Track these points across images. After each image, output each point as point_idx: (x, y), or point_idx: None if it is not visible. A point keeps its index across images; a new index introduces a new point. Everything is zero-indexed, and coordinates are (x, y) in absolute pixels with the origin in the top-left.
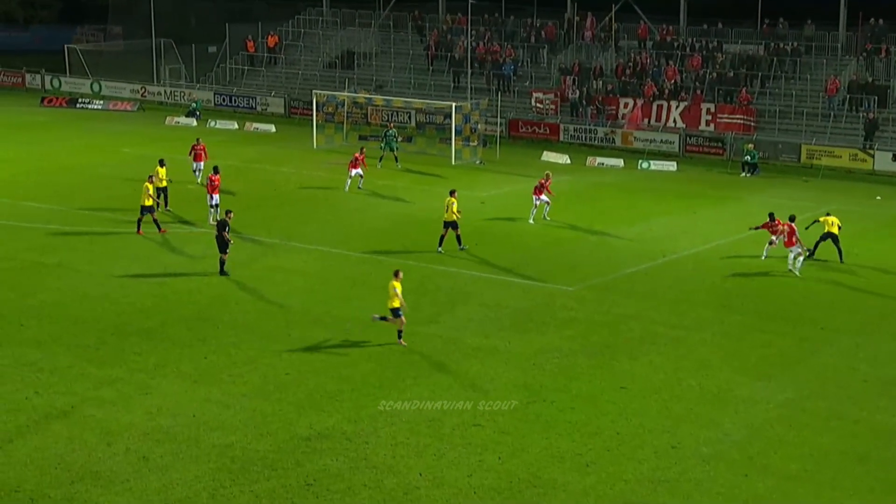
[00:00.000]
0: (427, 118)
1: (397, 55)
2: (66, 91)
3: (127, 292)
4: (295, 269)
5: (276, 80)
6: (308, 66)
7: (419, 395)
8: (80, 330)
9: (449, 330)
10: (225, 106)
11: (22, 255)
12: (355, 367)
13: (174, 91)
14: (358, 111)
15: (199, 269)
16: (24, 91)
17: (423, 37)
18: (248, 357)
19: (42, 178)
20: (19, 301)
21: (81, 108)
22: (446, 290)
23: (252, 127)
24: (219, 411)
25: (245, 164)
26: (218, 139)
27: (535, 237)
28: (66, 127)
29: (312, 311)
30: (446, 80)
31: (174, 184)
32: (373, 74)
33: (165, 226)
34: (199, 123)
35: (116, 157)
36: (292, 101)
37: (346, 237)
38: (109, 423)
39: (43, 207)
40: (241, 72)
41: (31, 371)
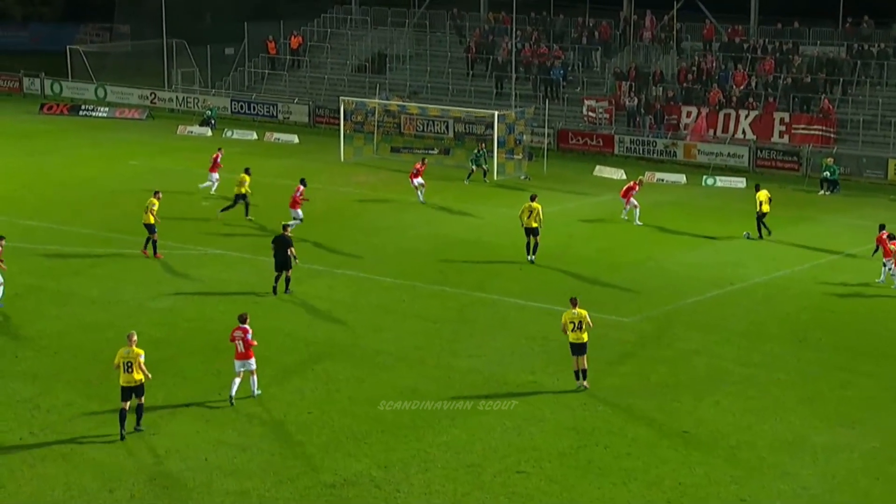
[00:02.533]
0: (467, 128)
1: (434, 58)
2: (68, 97)
3: (134, 321)
4: (320, 295)
5: (299, 85)
6: (335, 69)
7: (457, 438)
8: (81, 363)
9: (490, 364)
10: (243, 114)
11: (19, 280)
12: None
13: (187, 97)
14: (390, 120)
15: (213, 293)
16: (22, 97)
17: (462, 38)
18: (266, 394)
19: (41, 194)
20: (15, 330)
21: (85, 115)
22: (487, 320)
23: (273, 137)
24: (234, 454)
25: (265, 178)
26: (235, 151)
27: (588, 262)
28: (68, 137)
29: (339, 342)
30: (488, 86)
31: (188, 199)
32: (406, 79)
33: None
34: (215, 133)
35: (124, 171)
36: (317, 108)
37: (377, 260)
38: (112, 468)
39: (42, 226)
40: (260, 76)
41: (26, 409)
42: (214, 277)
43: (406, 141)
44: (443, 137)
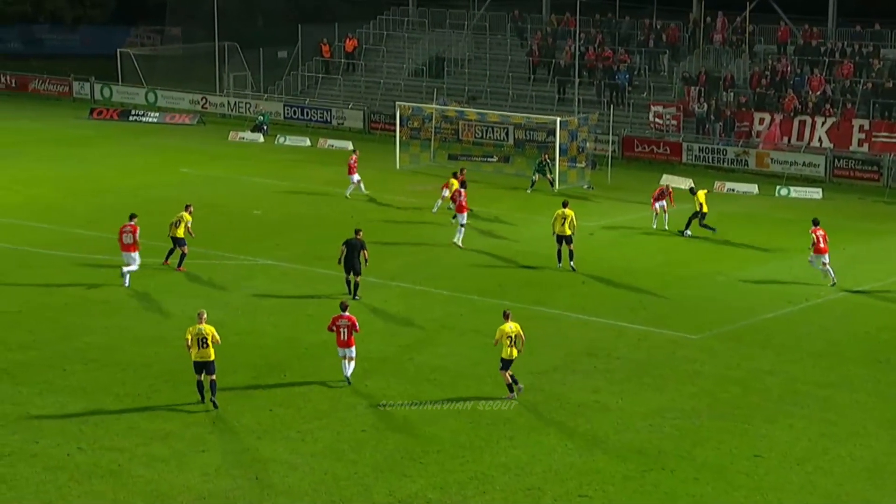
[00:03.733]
0: (527, 135)
1: (493, 62)
2: (118, 101)
3: (181, 334)
4: (374, 308)
5: (354, 89)
6: (391, 73)
7: (516, 459)
8: (129, 377)
9: (551, 383)
10: (296, 119)
11: (66, 291)
12: (442, 425)
13: (239, 102)
14: (447, 126)
15: (264, 307)
16: (72, 101)
17: (523, 40)
18: (318, 411)
19: (90, 202)
20: (63, 343)
21: (135, 120)
22: (548, 336)
23: (326, 144)
24: (285, 473)
25: (318, 186)
26: (287, 158)
27: (653, 276)
28: (118, 143)
29: (393, 358)
30: (550, 91)
31: (239, 207)
32: (465, 84)
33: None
34: (267, 139)
35: (174, 178)
36: (372, 114)
37: (434, 272)
38: (161, 485)
39: (91, 235)
40: (314, 80)
41: (74, 423)
42: (265, 289)
43: (464, 148)
44: (502, 144)
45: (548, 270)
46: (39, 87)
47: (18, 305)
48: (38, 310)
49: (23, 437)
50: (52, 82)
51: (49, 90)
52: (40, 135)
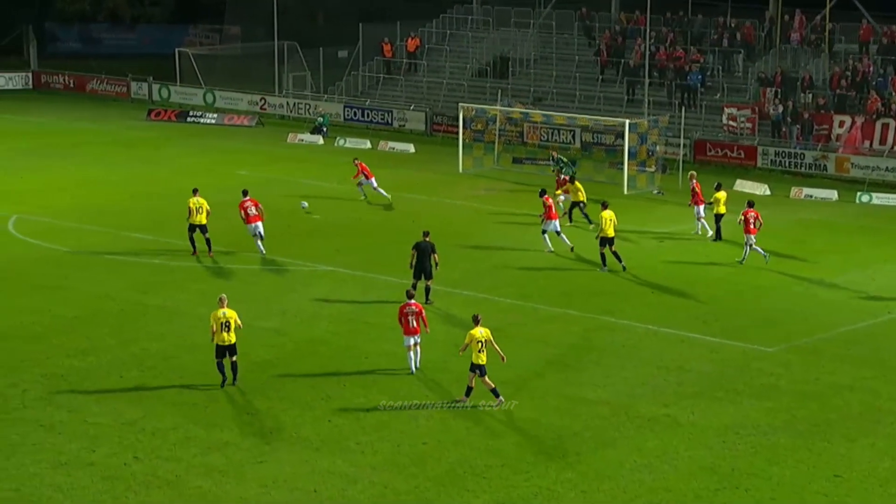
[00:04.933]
0: (595, 138)
1: (560, 62)
2: (176, 102)
3: (239, 342)
4: (434, 316)
5: (416, 90)
6: (454, 74)
7: (583, 475)
8: (185, 385)
9: (619, 395)
10: (356, 121)
11: (123, 295)
12: (506, 438)
13: (298, 103)
14: (512, 128)
15: (323, 314)
16: (130, 102)
17: (591, 40)
18: (378, 421)
19: (147, 205)
20: (120, 349)
21: (192, 121)
22: (616, 347)
23: (387, 146)
24: (344, 486)
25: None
26: (347, 160)
27: (725, 285)
28: (176, 144)
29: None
30: (619, 92)
31: (298, 212)
32: (530, 85)
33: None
34: (327, 141)
35: (232, 181)
36: (435, 115)
37: (495, 279)
38: (218, 496)
39: (148, 238)
40: (375, 80)
41: (131, 431)
42: (324, 296)
43: (529, 151)
44: (569, 147)
45: (614, 279)
46: (97, 88)
47: (75, 310)
48: (95, 315)
49: (80, 446)
50: (110, 82)
51: (107, 90)
52: (98, 136)
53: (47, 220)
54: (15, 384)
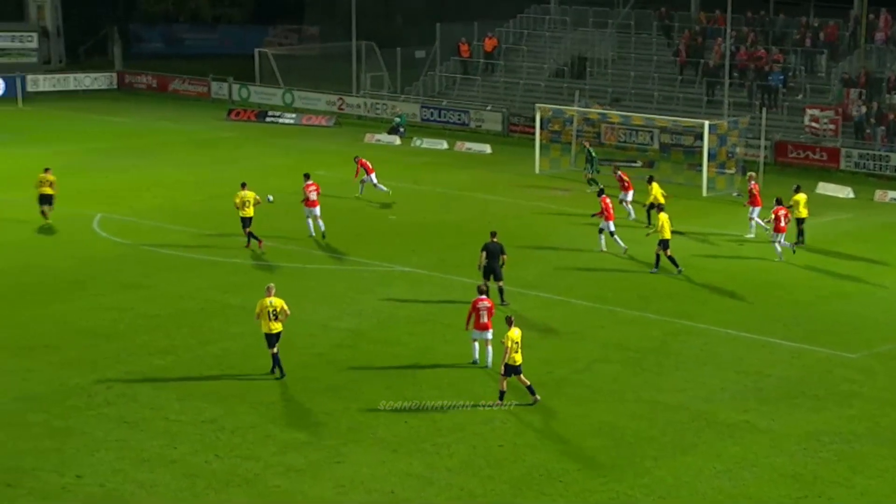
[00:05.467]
0: (673, 139)
1: (638, 62)
2: (255, 102)
3: (315, 341)
4: (510, 318)
5: (493, 90)
6: (531, 74)
7: (661, 481)
8: (263, 385)
9: (697, 401)
10: (433, 121)
11: (204, 295)
12: (582, 442)
13: (375, 103)
14: (589, 129)
15: (400, 315)
16: (210, 102)
17: (670, 39)
18: (454, 423)
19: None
20: (200, 348)
21: (271, 122)
22: (695, 351)
23: (464, 147)
24: (420, 487)
25: (454, 191)
26: (423, 161)
27: (806, 289)
28: (255, 144)
29: (529, 370)
30: (698, 93)
31: (376, 212)
32: (608, 85)
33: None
34: (403, 142)
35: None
36: (512, 116)
37: (572, 281)
38: (295, 496)
39: (228, 238)
40: (452, 80)
41: (211, 430)
42: (401, 297)
43: (606, 152)
44: (647, 149)
45: (693, 283)
46: (179, 88)
47: (157, 309)
48: (176, 314)
49: (162, 443)
50: (192, 83)
51: (188, 90)
52: (179, 136)
53: (131, 219)
54: (99, 381)
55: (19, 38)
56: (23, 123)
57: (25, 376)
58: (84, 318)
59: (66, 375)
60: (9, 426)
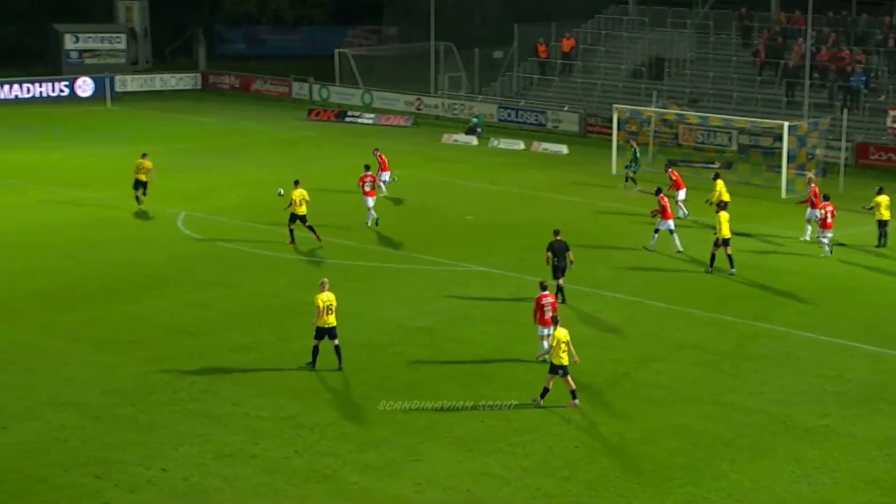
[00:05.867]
0: (752, 140)
1: (717, 62)
2: (335, 102)
3: (393, 339)
4: (586, 319)
5: (570, 91)
6: (608, 74)
7: (738, 484)
8: (341, 383)
9: (775, 404)
10: (510, 122)
11: (286, 293)
12: (658, 444)
13: (452, 104)
14: (667, 130)
15: (476, 315)
16: (291, 102)
17: (749, 40)
18: (530, 424)
19: (315, 206)
20: (279, 345)
21: (350, 122)
22: (773, 355)
23: (540, 147)
24: (497, 487)
25: (531, 191)
26: (500, 161)
27: (887, 293)
28: (334, 144)
29: (606, 371)
30: (777, 94)
31: (452, 212)
32: (686, 86)
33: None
34: (480, 142)
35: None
36: (589, 116)
37: (649, 283)
38: (374, 493)
39: (309, 237)
40: (529, 81)
41: (290, 426)
42: (477, 296)
43: (684, 153)
44: (725, 150)
45: (772, 285)
46: (261, 88)
47: (239, 307)
48: (257, 312)
49: (243, 439)
50: (273, 83)
51: (270, 91)
52: (261, 136)
53: (214, 217)
54: (183, 376)
55: (108, 39)
56: (111, 123)
57: (112, 371)
58: (168, 315)
59: (151, 371)
60: (97, 420)
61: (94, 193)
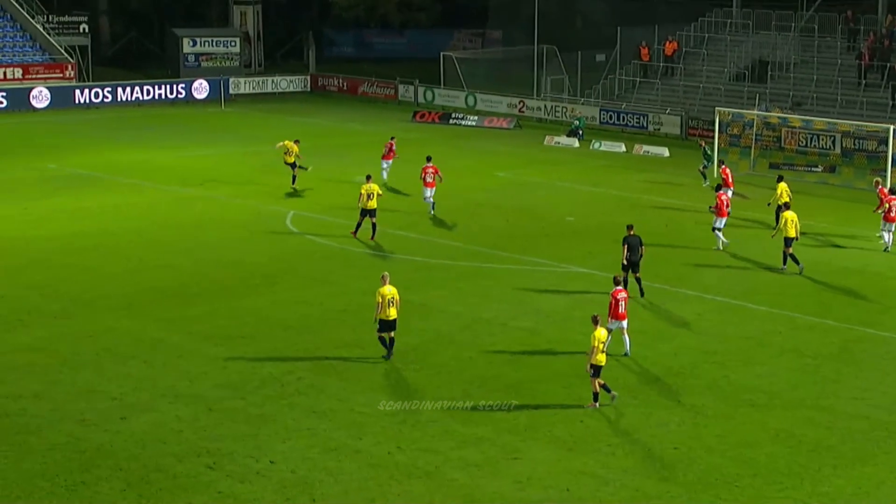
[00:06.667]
0: (856, 144)
1: (821, 65)
2: (439, 104)
3: (494, 339)
4: (687, 321)
5: (672, 94)
6: (711, 77)
7: (840, 490)
8: (443, 381)
9: (877, 410)
10: (611, 124)
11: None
12: (758, 448)
13: (555, 106)
14: (769, 133)
15: (576, 316)
16: (397, 104)
17: (855, 43)
18: (629, 425)
19: (410, 205)
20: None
21: (454, 123)
22: (876, 359)
23: (642, 150)
24: (596, 487)
25: (631, 194)
26: (601, 163)
27: None
28: (438, 145)
29: (706, 374)
30: (883, 97)
31: (550, 214)
32: (790, 89)
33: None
34: (582, 144)
35: (491, 182)
36: (690, 119)
37: (750, 287)
38: (474, 490)
39: (411, 237)
40: (631, 84)
41: (393, 422)
42: (578, 298)
43: (786, 156)
44: (828, 153)
45: (876, 289)
46: (368, 90)
47: (343, 304)
48: (360, 310)
49: (348, 433)
50: (380, 85)
51: (376, 93)
52: (367, 137)
53: (320, 216)
54: (291, 371)
55: (224, 42)
56: (226, 123)
57: (224, 365)
58: (277, 312)
59: (260, 365)
60: (211, 411)
61: (209, 192)
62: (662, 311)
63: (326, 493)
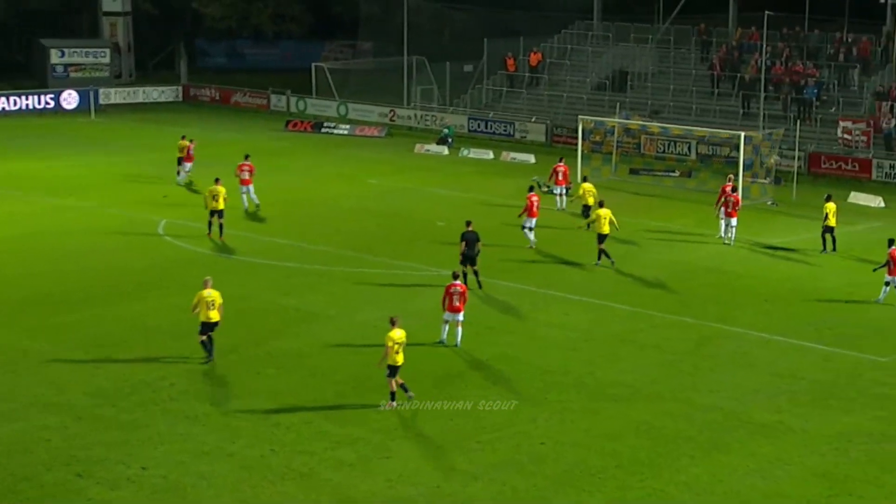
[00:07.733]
0: (711, 149)
1: (677, 75)
2: (312, 114)
3: (370, 342)
4: (555, 322)
5: (537, 103)
6: (574, 87)
7: (696, 478)
8: (318, 382)
9: (731, 402)
10: (480, 132)
11: (260, 296)
12: (622, 441)
13: (425, 115)
14: (629, 140)
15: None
16: (269, 113)
17: (708, 54)
18: (498, 422)
19: (284, 211)
20: (256, 347)
21: (326, 132)
22: (729, 354)
23: (509, 157)
24: (466, 483)
25: (500, 199)
26: (470, 170)
27: (839, 295)
28: (310, 154)
29: (573, 371)
30: (734, 105)
31: (428, 220)
32: (648, 97)
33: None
34: (451, 152)
35: (362, 189)
36: (555, 127)
37: (614, 287)
38: (347, 489)
39: (284, 243)
40: (498, 94)
41: (266, 426)
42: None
43: (646, 162)
44: (685, 159)
45: (729, 288)
46: (241, 100)
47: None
48: (236, 315)
49: (221, 437)
50: (252, 95)
51: (249, 103)
52: (241, 146)
53: (194, 224)
54: (164, 377)
55: (93, 53)
56: (95, 134)
57: (94, 373)
58: (149, 318)
59: (132, 372)
60: (79, 420)
61: (79, 201)
62: (530, 312)
63: (199, 497)
